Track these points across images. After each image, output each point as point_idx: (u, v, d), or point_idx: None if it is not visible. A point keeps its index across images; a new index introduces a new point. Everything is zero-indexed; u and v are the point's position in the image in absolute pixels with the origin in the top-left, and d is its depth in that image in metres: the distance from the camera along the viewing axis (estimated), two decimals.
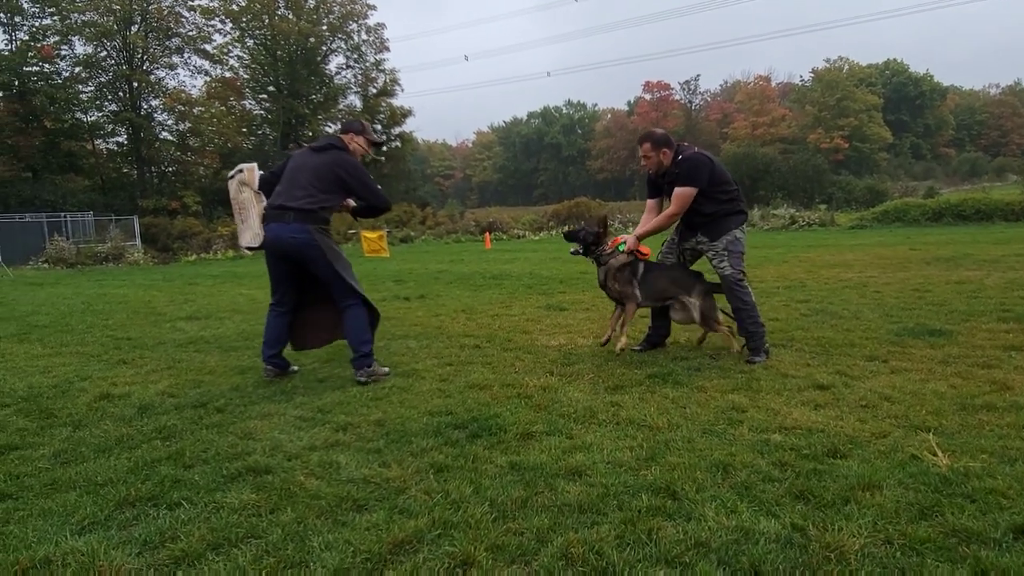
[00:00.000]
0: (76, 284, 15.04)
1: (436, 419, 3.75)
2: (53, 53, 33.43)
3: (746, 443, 3.17)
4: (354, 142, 4.96)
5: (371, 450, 3.28)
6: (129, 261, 24.65)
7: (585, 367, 4.88)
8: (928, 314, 6.40)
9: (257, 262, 22.89)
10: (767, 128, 73.96)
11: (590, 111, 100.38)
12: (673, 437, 3.29)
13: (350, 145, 4.92)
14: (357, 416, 3.87)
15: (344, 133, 5.02)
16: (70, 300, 11.05)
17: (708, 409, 3.73)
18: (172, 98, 36.72)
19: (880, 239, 18.63)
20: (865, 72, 74.85)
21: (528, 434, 3.44)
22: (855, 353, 4.95)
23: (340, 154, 4.80)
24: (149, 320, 8.27)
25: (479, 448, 3.25)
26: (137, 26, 36.07)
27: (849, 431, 3.25)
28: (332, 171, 4.71)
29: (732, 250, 5.07)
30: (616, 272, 5.18)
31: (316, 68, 42.33)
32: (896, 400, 3.72)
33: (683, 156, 5.04)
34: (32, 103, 32.13)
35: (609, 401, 3.96)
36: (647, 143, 5.10)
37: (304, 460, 3.17)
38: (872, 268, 10.91)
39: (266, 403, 4.23)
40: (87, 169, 36.12)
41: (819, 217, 28.56)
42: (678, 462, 2.95)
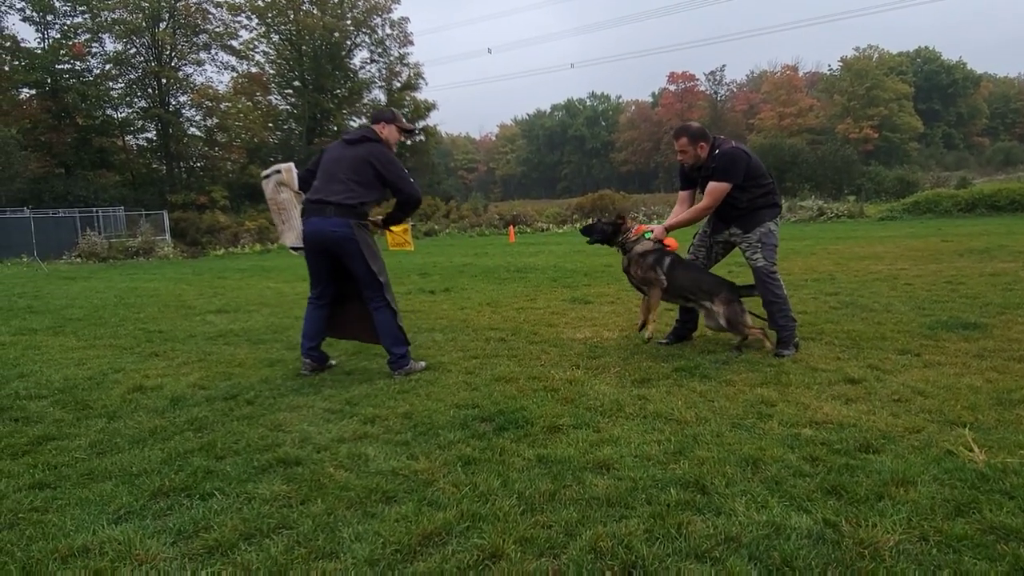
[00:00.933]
0: (108, 278, 15.31)
1: (463, 412, 3.77)
2: (84, 51, 34.05)
3: (776, 437, 3.14)
4: (386, 131, 4.90)
5: (399, 443, 3.31)
6: (159, 255, 25.06)
7: (611, 360, 4.86)
8: (961, 307, 6.28)
9: (282, 256, 23.13)
10: (794, 119, 72.91)
11: (614, 103, 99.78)
12: (701, 431, 3.26)
13: (382, 134, 4.87)
14: (385, 409, 3.90)
15: (375, 123, 4.95)
16: (103, 294, 11.24)
17: (737, 403, 3.70)
18: (200, 94, 37.19)
19: (911, 230, 18.32)
20: (895, 60, 73.39)
21: (555, 427, 3.43)
22: (886, 347, 4.87)
23: (374, 146, 4.76)
24: (180, 313, 8.40)
25: (506, 441, 3.25)
26: (165, 23, 36.59)
27: (881, 426, 3.20)
28: (368, 163, 4.68)
29: (765, 242, 5.02)
30: (639, 258, 5.14)
31: (341, 63, 42.58)
32: (929, 395, 3.66)
33: (720, 150, 4.98)
34: (64, 100, 32.79)
35: (636, 394, 3.94)
36: (684, 137, 5.04)
37: (333, 452, 3.20)
38: (903, 260, 10.72)
39: (295, 396, 4.27)
40: (118, 165, 36.77)
41: (848, 209, 28.17)
42: (707, 456, 2.93)
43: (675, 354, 4.94)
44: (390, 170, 4.75)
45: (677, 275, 5.12)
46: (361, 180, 4.67)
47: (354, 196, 4.62)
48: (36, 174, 32.12)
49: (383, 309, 4.73)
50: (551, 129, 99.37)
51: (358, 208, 4.66)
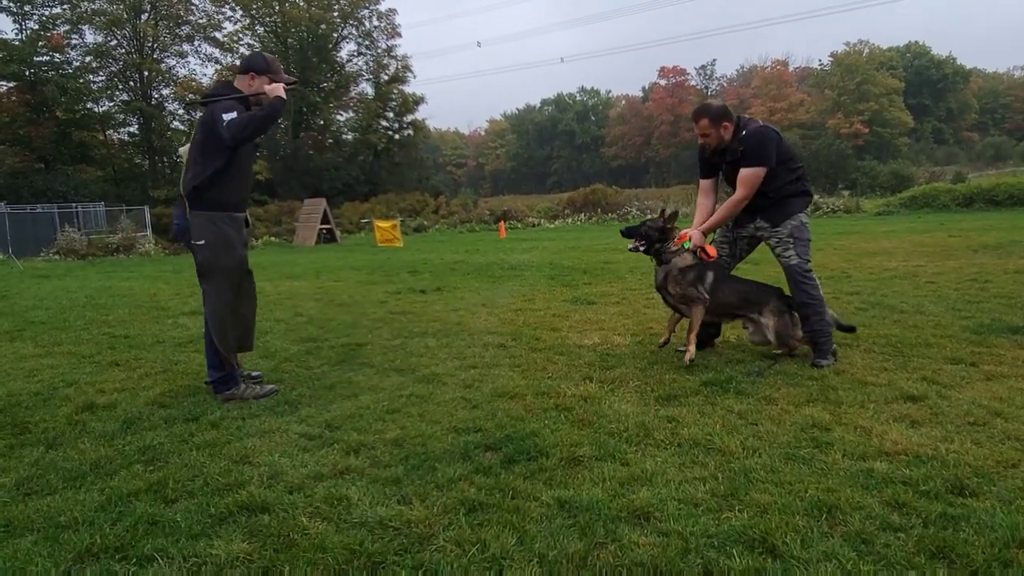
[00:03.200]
0: (84, 276, 14.63)
1: (463, 438, 3.21)
2: (63, 42, 33.12)
3: (844, 474, 2.61)
4: (256, 83, 4.08)
5: (388, 480, 2.75)
6: (140, 252, 24.30)
7: (627, 371, 4.32)
8: (999, 308, 5.78)
9: (269, 252, 22.47)
10: (785, 113, 72.52)
11: (604, 98, 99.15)
12: (751, 465, 2.72)
13: (250, 88, 4.08)
14: (371, 433, 3.34)
15: (240, 74, 4.16)
16: (74, 294, 10.60)
17: (784, 427, 3.16)
18: (182, 87, 36.32)
19: (911, 225, 17.90)
20: (886, 55, 73.19)
21: (575, 459, 2.89)
22: (934, 355, 4.35)
23: (212, 107, 3.94)
24: (151, 315, 7.79)
25: (517, 478, 2.70)
26: (147, 14, 35.68)
27: (969, 459, 2.67)
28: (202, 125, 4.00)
29: (798, 237, 4.48)
30: (679, 275, 4.47)
31: (327, 55, 41.79)
32: (1009, 416, 3.14)
33: (747, 131, 4.40)
34: (43, 93, 31.85)
35: (664, 416, 3.40)
36: (704, 119, 4.44)
37: (308, 493, 2.63)
38: (916, 256, 10.25)
39: (267, 416, 3.70)
40: (99, 160, 35.89)
41: (843, 203, 27.77)
42: (768, 501, 2.39)
43: (700, 364, 4.40)
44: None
45: (722, 292, 4.52)
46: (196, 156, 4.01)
47: (191, 178, 4.00)
48: (15, 169, 31.26)
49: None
50: (541, 124, 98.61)
51: (194, 192, 4.00)
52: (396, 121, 44.23)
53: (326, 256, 18.48)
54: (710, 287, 4.46)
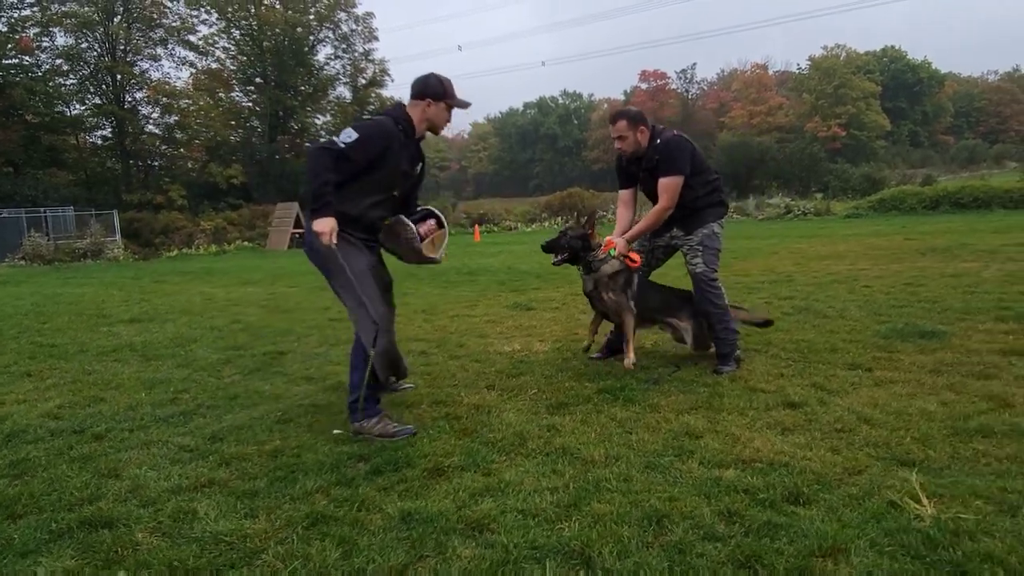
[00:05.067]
0: (41, 283, 14.48)
1: (341, 448, 3.21)
2: (32, 45, 32.71)
3: (693, 482, 2.63)
4: (431, 110, 3.62)
5: (245, 493, 2.74)
6: (108, 257, 24.08)
7: (532, 379, 4.33)
8: (920, 312, 5.86)
9: (235, 258, 22.33)
10: (764, 117, 73.13)
11: (586, 101, 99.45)
12: (607, 474, 2.74)
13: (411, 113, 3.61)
14: (252, 445, 3.33)
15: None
16: (21, 301, 10.47)
17: (658, 435, 3.19)
18: (155, 90, 36.01)
19: (876, 228, 18.09)
20: (863, 59, 73.94)
21: (439, 469, 2.89)
22: (836, 360, 4.40)
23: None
24: (89, 323, 7.71)
25: (375, 490, 2.71)
26: (119, 17, 35.33)
27: (817, 466, 2.70)
28: None
29: (708, 245, 4.50)
30: (609, 281, 4.43)
31: (304, 59, 41.48)
32: (877, 423, 3.18)
33: (662, 139, 4.38)
34: (11, 96, 31.39)
35: (546, 424, 3.41)
36: (622, 120, 4.40)
37: (159, 508, 2.62)
38: (864, 260, 10.36)
39: (157, 427, 3.68)
40: (71, 164, 35.41)
41: (815, 206, 27.99)
42: (606, 511, 2.41)
43: (604, 372, 4.43)
44: None
45: (648, 296, 4.54)
46: None
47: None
48: None
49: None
50: (523, 127, 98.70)
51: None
52: None
53: (293, 261, 18.37)
54: (635, 293, 4.48)
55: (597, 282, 4.47)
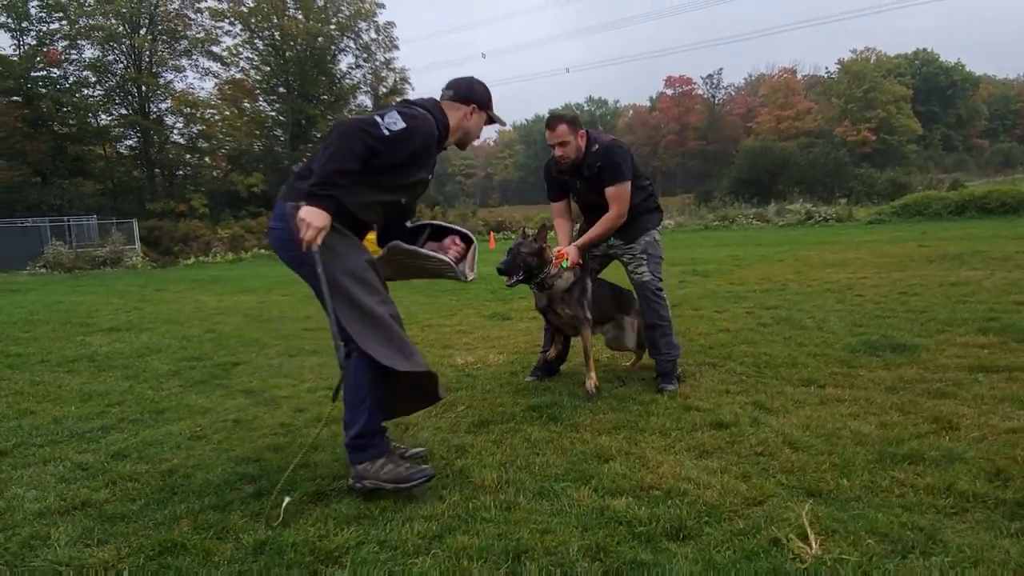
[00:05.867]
0: (49, 291, 14.66)
1: (236, 468, 3.07)
2: (60, 58, 33.49)
3: (578, 512, 2.44)
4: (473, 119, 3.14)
5: (112, 516, 2.61)
6: (127, 265, 24.44)
7: (468, 394, 4.17)
8: (902, 324, 5.57)
9: (250, 265, 22.49)
10: (792, 121, 72.01)
11: (611, 108, 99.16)
12: (491, 501, 2.56)
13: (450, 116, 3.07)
14: (150, 463, 3.21)
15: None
16: (20, 309, 10.58)
17: (566, 457, 3.00)
18: (179, 100, 36.63)
19: (895, 234, 17.57)
20: (893, 62, 72.46)
21: (321, 493, 2.74)
22: (791, 376, 4.16)
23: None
24: (69, 332, 7.72)
25: (244, 515, 2.56)
26: (145, 29, 36.03)
27: (716, 496, 2.49)
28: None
29: (651, 253, 4.28)
30: (565, 295, 4.10)
31: (325, 68, 41.95)
32: (802, 446, 2.95)
33: (601, 145, 4.12)
34: (40, 108, 32.19)
35: (457, 444, 3.24)
36: (563, 124, 4.07)
37: (15, 532, 2.50)
38: (868, 268, 10.00)
39: (68, 443, 3.59)
40: (96, 173, 36.19)
41: (836, 212, 27.40)
42: (467, 544, 2.23)
43: (544, 387, 4.23)
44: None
45: (600, 300, 4.25)
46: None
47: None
48: (11, 183, 31.56)
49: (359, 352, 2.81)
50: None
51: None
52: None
53: None
54: (591, 299, 4.24)
55: (551, 298, 4.15)
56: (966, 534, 2.13)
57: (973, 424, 3.11)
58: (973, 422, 3.14)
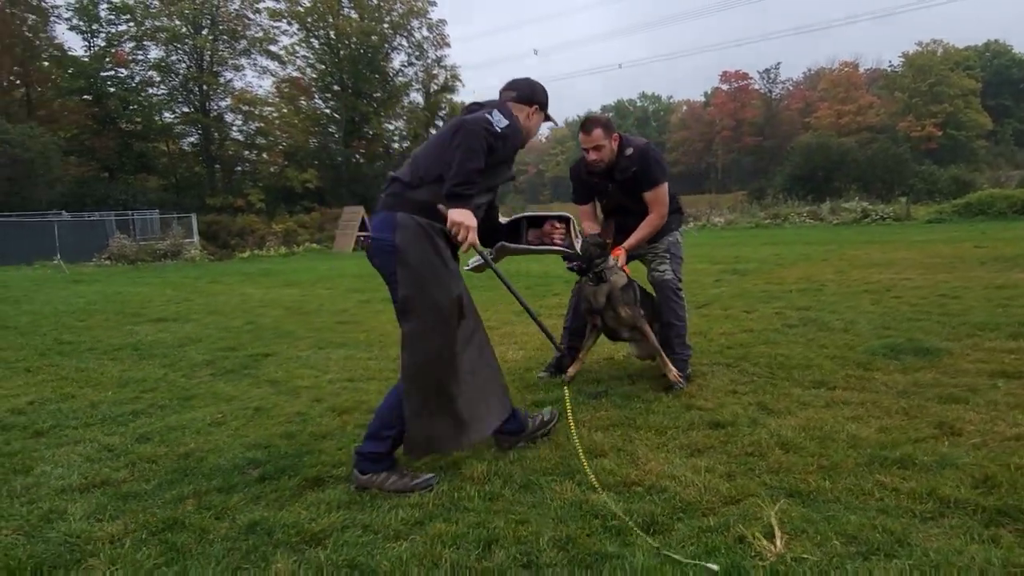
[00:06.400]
0: (111, 282, 15.35)
1: (248, 454, 3.24)
2: (127, 58, 34.91)
3: (558, 504, 2.51)
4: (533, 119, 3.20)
5: (127, 495, 2.80)
6: (186, 258, 25.36)
7: None
8: (932, 327, 5.44)
9: (301, 259, 23.07)
10: (853, 116, 69.85)
11: (665, 103, 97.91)
12: (476, 492, 2.65)
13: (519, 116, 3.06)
14: (170, 446, 3.40)
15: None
16: (80, 299, 11.13)
17: (559, 452, 3.07)
18: (238, 99, 37.75)
19: (952, 234, 16.96)
20: (962, 55, 69.51)
21: (319, 479, 2.88)
22: (804, 377, 4.13)
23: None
24: (120, 322, 8.12)
25: (246, 497, 2.71)
26: (207, 30, 37.23)
27: (695, 493, 2.53)
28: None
29: (674, 253, 4.35)
30: (622, 294, 3.99)
31: (378, 66, 42.61)
32: (794, 448, 2.95)
33: (635, 147, 4.13)
34: (108, 107, 33.62)
35: None
36: (598, 128, 4.07)
37: (38, 506, 2.71)
38: (914, 269, 9.71)
39: (100, 425, 3.82)
40: (160, 169, 37.61)
41: (894, 210, 26.55)
42: (445, 531, 2.33)
43: (556, 384, 4.31)
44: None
45: (644, 306, 4.15)
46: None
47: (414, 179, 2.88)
48: (81, 178, 33.05)
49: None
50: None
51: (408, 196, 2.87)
52: None
53: (347, 263, 18.86)
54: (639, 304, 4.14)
55: (611, 297, 4.01)
56: (936, 539, 2.13)
57: (976, 430, 3.06)
58: (977, 428, 3.08)
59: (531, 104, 3.15)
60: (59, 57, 34.23)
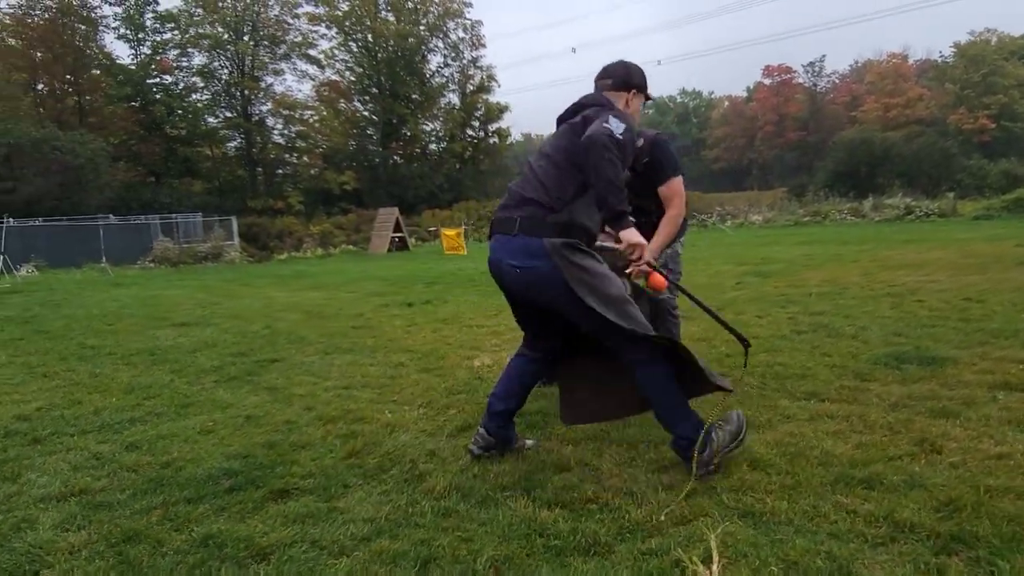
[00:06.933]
0: (149, 285, 15.82)
1: (226, 464, 3.30)
2: (172, 66, 35.93)
3: (507, 522, 2.50)
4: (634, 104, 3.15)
5: (100, 504, 2.87)
6: (226, 260, 25.98)
7: (464, 398, 4.28)
8: (946, 333, 5.26)
9: (335, 261, 23.40)
10: (901, 109, 67.85)
11: (705, 99, 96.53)
12: (429, 507, 2.66)
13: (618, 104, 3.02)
14: (155, 455, 3.49)
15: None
16: (115, 302, 11.49)
17: (526, 465, 3.06)
18: (278, 103, 38.53)
19: (997, 232, 16.39)
20: (1017, 44, 66.90)
21: (285, 491, 2.92)
22: (796, 388, 4.04)
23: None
24: (145, 326, 8.35)
25: (208, 509, 2.77)
26: (247, 35, 38.09)
27: (645, 513, 2.49)
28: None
29: (672, 268, 4.16)
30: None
31: (415, 68, 43.04)
32: (762, 465, 2.88)
33: (646, 139, 3.96)
34: (154, 113, 34.68)
35: (430, 449, 3.36)
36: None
37: (13, 514, 2.81)
38: (945, 270, 9.41)
39: (96, 432, 3.94)
40: (204, 173, 38.64)
41: (939, 206, 25.75)
42: (390, 548, 2.34)
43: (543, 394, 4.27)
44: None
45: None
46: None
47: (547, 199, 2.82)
48: (128, 182, 34.13)
49: (645, 364, 2.83)
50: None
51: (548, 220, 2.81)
52: (481, 130, 45.16)
53: (378, 265, 19.09)
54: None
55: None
56: (880, 567, 2.06)
57: (959, 447, 2.95)
58: (960, 445, 2.97)
59: (628, 89, 3.10)
60: (108, 65, 35.39)
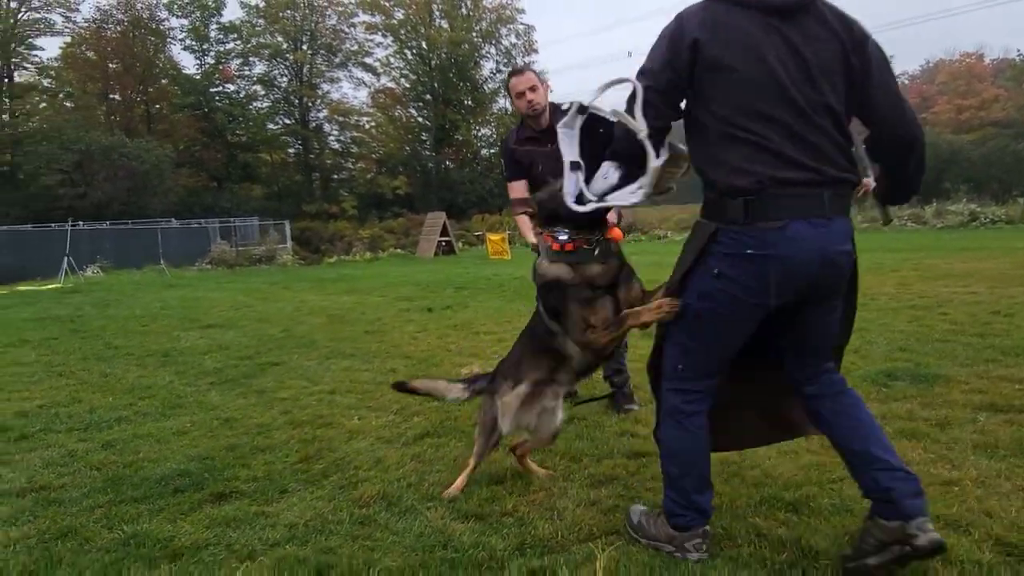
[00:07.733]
0: (200, 286, 16.39)
1: (183, 465, 3.40)
2: (234, 74, 37.26)
3: (418, 532, 2.52)
4: None
5: (51, 501, 2.99)
6: (279, 263, 26.72)
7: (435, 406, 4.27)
8: (954, 350, 5.01)
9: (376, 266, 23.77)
10: (975, 111, 64.85)
11: None
12: (347, 516, 2.69)
13: None
14: (123, 454, 3.62)
15: None
16: (157, 304, 11.94)
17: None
18: (334, 110, 39.47)
19: None
20: None
21: (224, 495, 2.99)
22: None
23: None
24: (174, 327, 8.66)
25: (148, 509, 2.86)
26: (305, 45, 39.18)
27: (553, 528, 2.46)
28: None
29: None
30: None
31: (468, 74, 43.47)
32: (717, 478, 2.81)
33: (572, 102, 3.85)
34: (216, 120, 36.01)
35: (378, 457, 3.39)
36: (528, 71, 3.85)
37: None
38: (989, 281, 8.94)
39: (81, 431, 4.11)
40: (263, 178, 39.88)
41: (1006, 212, 24.49)
42: (292, 555, 2.38)
43: None
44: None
45: None
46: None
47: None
48: (191, 187, 35.52)
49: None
50: None
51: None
52: None
53: (421, 269, 19.31)
54: None
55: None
56: None
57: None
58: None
59: None
60: (174, 75, 36.92)
